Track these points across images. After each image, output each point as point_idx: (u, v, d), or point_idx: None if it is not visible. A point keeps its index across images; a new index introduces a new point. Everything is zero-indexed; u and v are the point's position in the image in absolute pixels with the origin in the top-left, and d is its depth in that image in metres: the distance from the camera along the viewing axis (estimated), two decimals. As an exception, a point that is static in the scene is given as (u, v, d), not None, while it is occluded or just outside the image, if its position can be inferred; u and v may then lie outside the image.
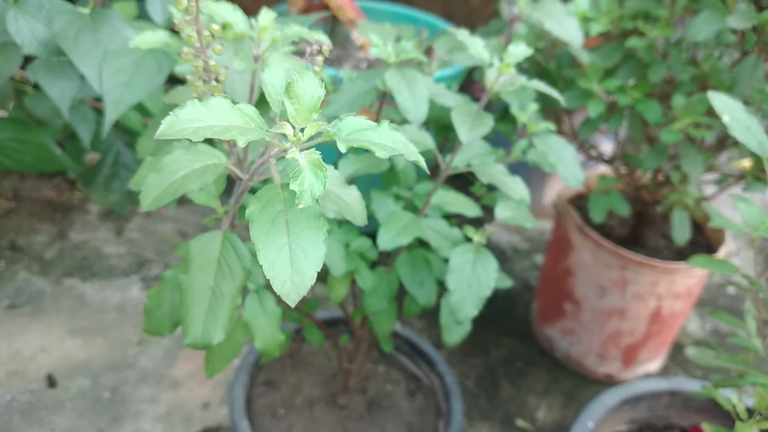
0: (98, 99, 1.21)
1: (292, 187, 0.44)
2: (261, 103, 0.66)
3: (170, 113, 0.43)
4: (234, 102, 0.47)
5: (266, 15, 0.66)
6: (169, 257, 1.54)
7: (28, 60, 0.99)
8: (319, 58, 0.60)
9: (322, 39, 0.67)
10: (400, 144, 0.48)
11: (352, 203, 0.59)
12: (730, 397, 0.82)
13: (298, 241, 0.48)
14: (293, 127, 0.48)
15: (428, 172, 0.51)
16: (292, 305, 0.46)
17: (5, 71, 0.95)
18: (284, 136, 0.48)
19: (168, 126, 0.43)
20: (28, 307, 1.36)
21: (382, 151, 0.47)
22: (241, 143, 0.44)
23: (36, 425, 1.14)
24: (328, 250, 0.77)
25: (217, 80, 0.59)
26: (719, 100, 0.70)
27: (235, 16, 0.66)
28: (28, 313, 1.35)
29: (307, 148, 0.48)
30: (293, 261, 0.47)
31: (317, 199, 0.45)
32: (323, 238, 0.49)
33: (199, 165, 0.53)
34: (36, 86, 1.15)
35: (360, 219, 0.60)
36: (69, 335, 1.31)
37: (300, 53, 0.65)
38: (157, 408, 1.19)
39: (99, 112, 1.24)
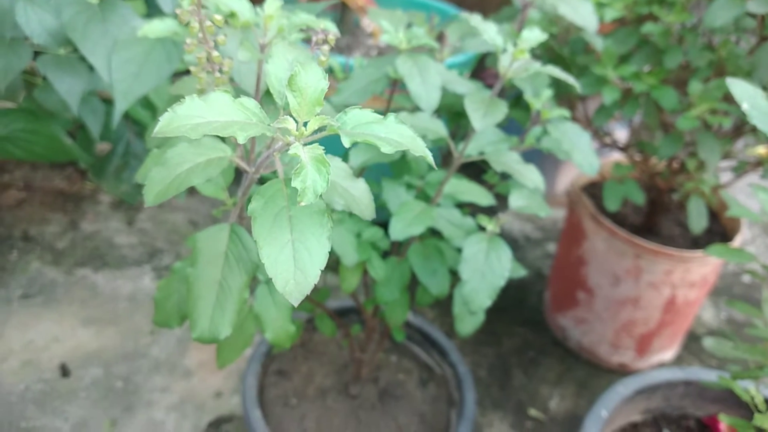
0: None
1: (294, 184, 0.43)
2: (269, 93, 0.65)
3: (169, 109, 0.42)
4: (239, 93, 0.47)
5: (272, 3, 0.65)
6: (181, 247, 1.54)
7: (38, 52, 0.99)
8: (325, 47, 0.59)
9: (328, 27, 0.66)
10: (407, 138, 0.47)
11: (359, 196, 0.58)
12: (748, 388, 0.81)
13: (301, 239, 0.47)
14: (296, 121, 0.47)
15: (434, 167, 0.49)
16: (296, 304, 0.45)
17: (16, 66, 0.95)
18: (287, 130, 0.47)
19: (166, 123, 0.42)
20: (41, 297, 1.37)
21: (388, 146, 0.45)
22: (241, 140, 0.43)
23: (50, 414, 1.14)
24: (339, 239, 0.77)
25: (221, 71, 0.58)
26: (738, 87, 0.68)
27: (240, 4, 0.65)
28: (41, 302, 1.36)
29: (311, 142, 0.47)
30: (296, 259, 0.46)
31: (322, 194, 0.44)
32: (327, 235, 0.47)
33: (204, 158, 0.52)
34: (46, 77, 1.15)
35: (367, 213, 0.58)
36: (81, 325, 1.32)
37: (308, 41, 0.64)
38: (170, 397, 1.20)
39: (108, 102, 1.24)
